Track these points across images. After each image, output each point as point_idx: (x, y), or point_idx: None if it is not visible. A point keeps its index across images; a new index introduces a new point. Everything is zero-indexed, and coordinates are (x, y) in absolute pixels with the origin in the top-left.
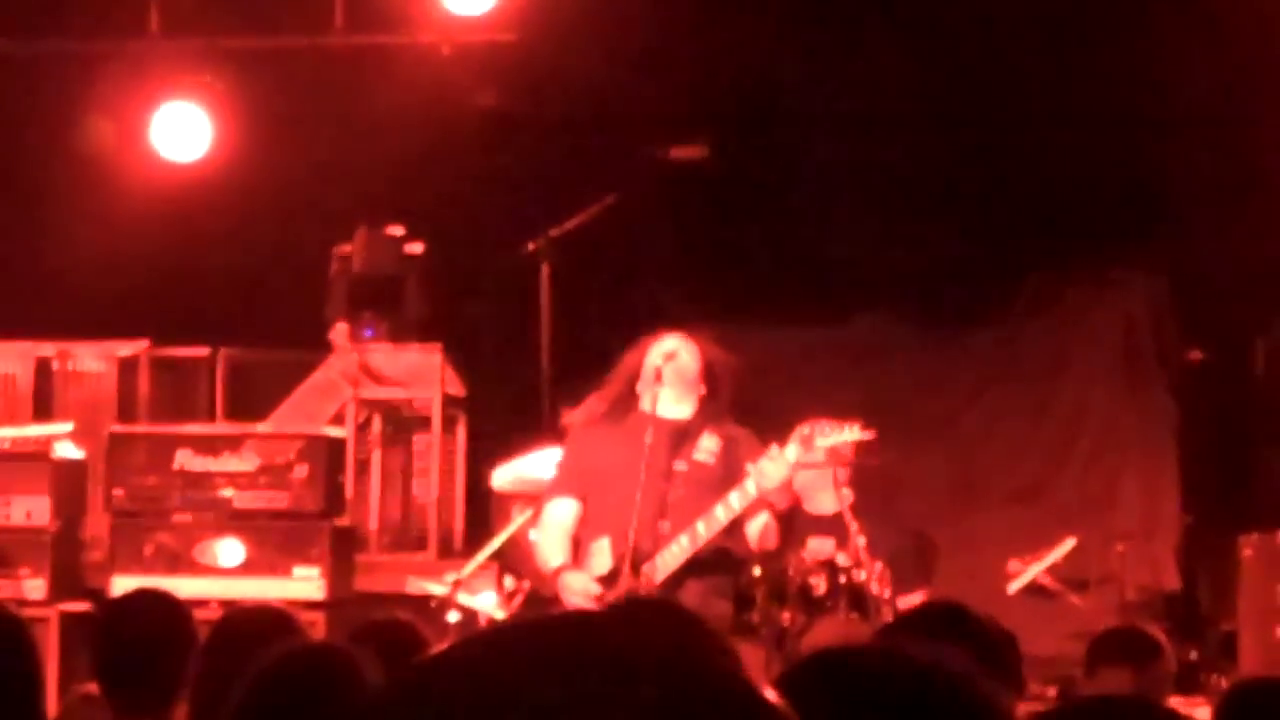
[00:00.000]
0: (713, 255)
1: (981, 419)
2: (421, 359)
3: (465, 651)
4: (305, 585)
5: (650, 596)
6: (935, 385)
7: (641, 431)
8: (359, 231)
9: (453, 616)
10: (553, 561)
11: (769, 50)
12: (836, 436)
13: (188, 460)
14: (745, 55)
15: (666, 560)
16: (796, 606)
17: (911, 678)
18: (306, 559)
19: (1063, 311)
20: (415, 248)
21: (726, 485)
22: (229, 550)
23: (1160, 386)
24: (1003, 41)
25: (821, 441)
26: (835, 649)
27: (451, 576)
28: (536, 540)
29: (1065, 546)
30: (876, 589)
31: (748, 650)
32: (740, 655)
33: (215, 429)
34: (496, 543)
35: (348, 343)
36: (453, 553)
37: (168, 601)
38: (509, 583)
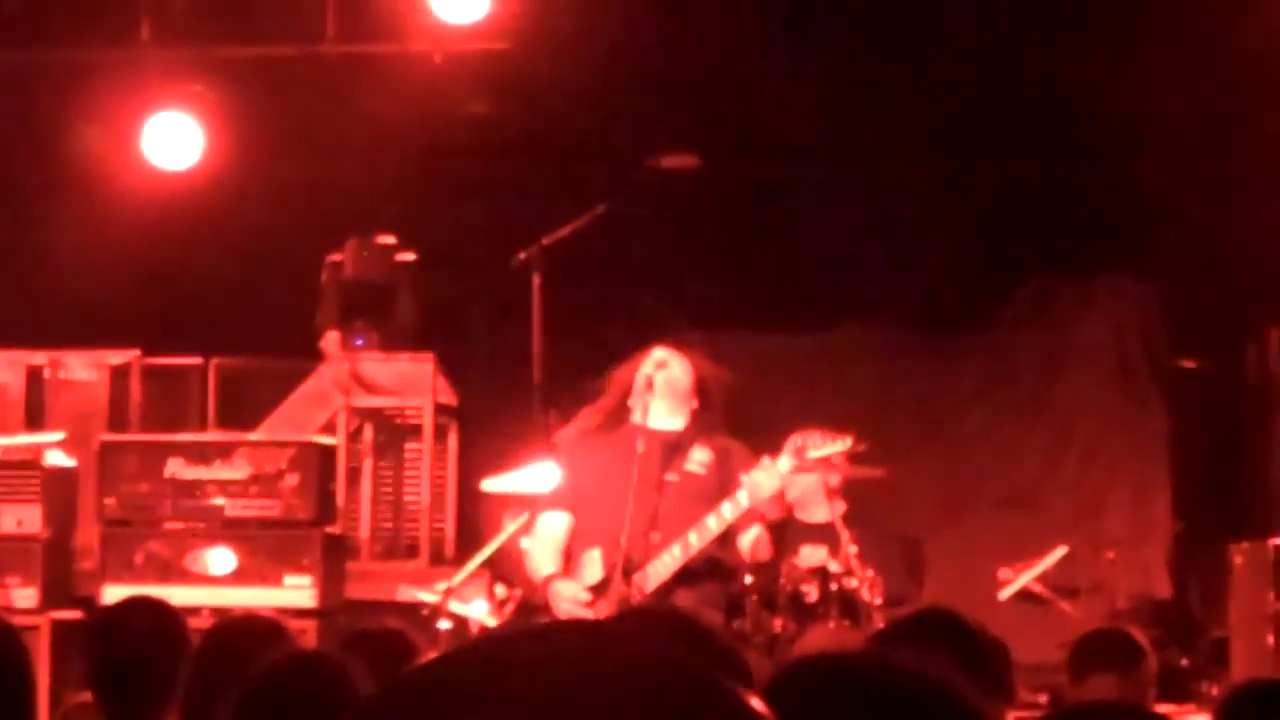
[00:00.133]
0: (704, 264)
1: (973, 426)
2: (413, 367)
3: (456, 659)
4: (296, 593)
5: (643, 605)
6: (926, 393)
7: (633, 444)
8: (350, 240)
9: (444, 625)
10: (544, 571)
11: (758, 60)
12: (828, 448)
13: (179, 469)
14: (735, 64)
15: (658, 569)
16: (788, 614)
17: (896, 685)
18: (298, 567)
19: (1054, 319)
20: (407, 256)
21: (718, 496)
22: (220, 558)
23: (1151, 394)
24: (993, 49)
25: (814, 453)
26: (820, 656)
27: (443, 585)
28: (528, 550)
29: (1056, 554)
30: (868, 596)
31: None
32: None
33: (206, 437)
34: (488, 551)
35: (339, 351)
36: (444, 561)
37: (160, 609)
38: (500, 591)
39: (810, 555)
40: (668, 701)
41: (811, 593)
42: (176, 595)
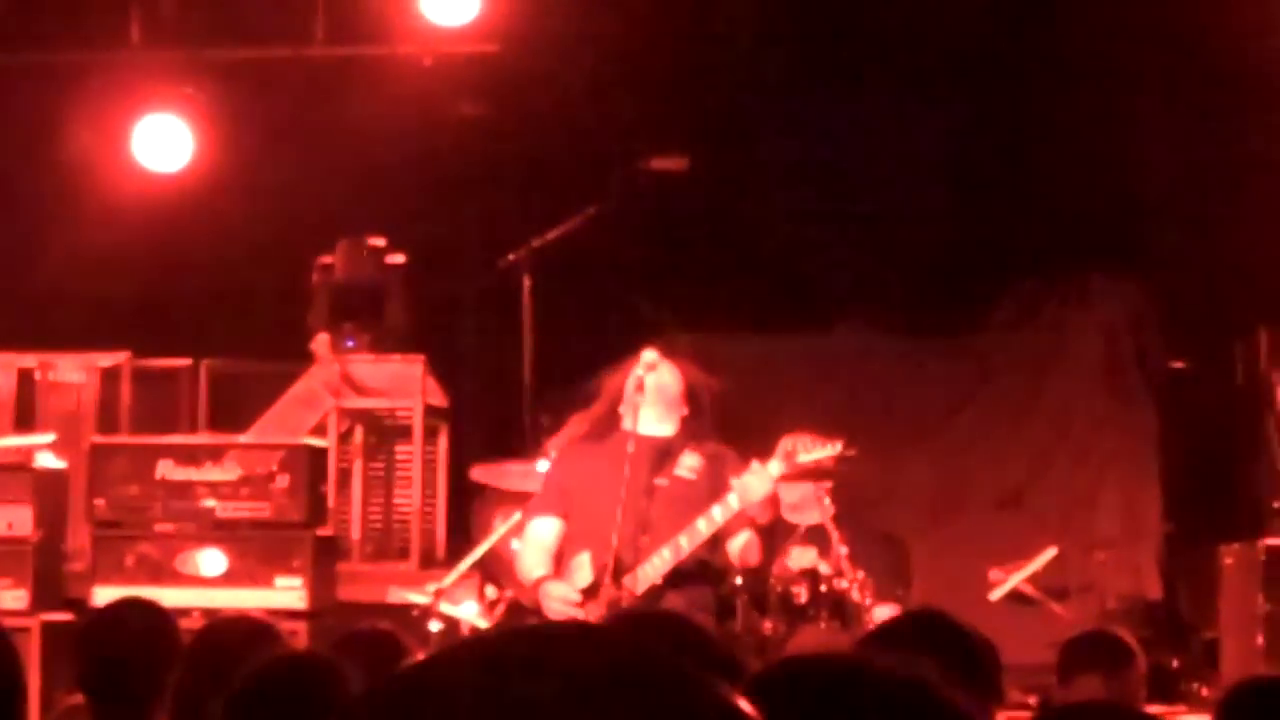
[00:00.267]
0: (694, 266)
1: (963, 427)
2: (403, 369)
3: (446, 660)
4: (287, 595)
5: (634, 608)
6: (917, 394)
7: (623, 450)
8: (340, 242)
9: (435, 626)
10: (534, 574)
11: (749, 61)
12: (819, 452)
13: (169, 470)
14: (725, 66)
15: (648, 572)
16: (778, 615)
17: (877, 686)
18: (288, 569)
19: (1044, 320)
20: (397, 258)
21: (709, 501)
22: (211, 560)
23: (1141, 395)
24: (981, 51)
25: (804, 457)
26: (799, 657)
27: (433, 586)
28: (518, 555)
29: (1046, 555)
30: (858, 598)
31: None
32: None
33: (197, 439)
34: (478, 552)
35: (329, 353)
36: (435, 562)
37: (151, 610)
38: (491, 592)
39: (800, 557)
40: (657, 702)
41: (801, 594)
42: (167, 597)
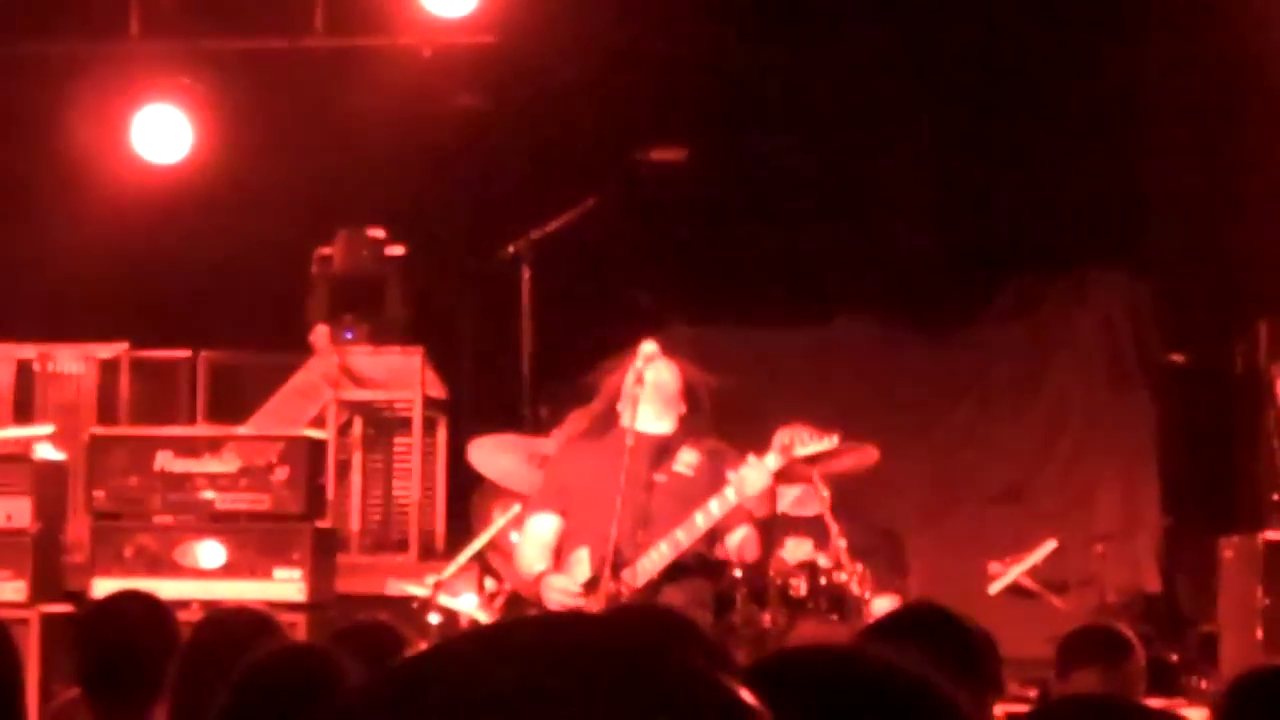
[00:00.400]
0: (692, 257)
1: (962, 420)
2: (402, 361)
3: (446, 650)
4: (286, 587)
5: (631, 602)
6: (916, 387)
7: (622, 446)
8: (339, 233)
9: (434, 618)
10: (534, 568)
11: (747, 52)
12: (815, 446)
13: (168, 462)
14: (724, 57)
15: (646, 566)
16: (777, 608)
17: (872, 677)
18: (287, 561)
19: (1043, 314)
20: (396, 250)
21: (707, 496)
22: (210, 552)
23: (1140, 388)
24: (982, 44)
25: (801, 451)
26: (794, 648)
27: (432, 578)
28: (518, 551)
29: (1046, 548)
30: (857, 590)
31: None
32: (731, 658)
33: (196, 431)
34: (477, 545)
35: (328, 345)
36: (434, 555)
37: (149, 602)
38: (490, 585)
39: (795, 549)
40: (661, 692)
41: (800, 586)
42: (166, 588)
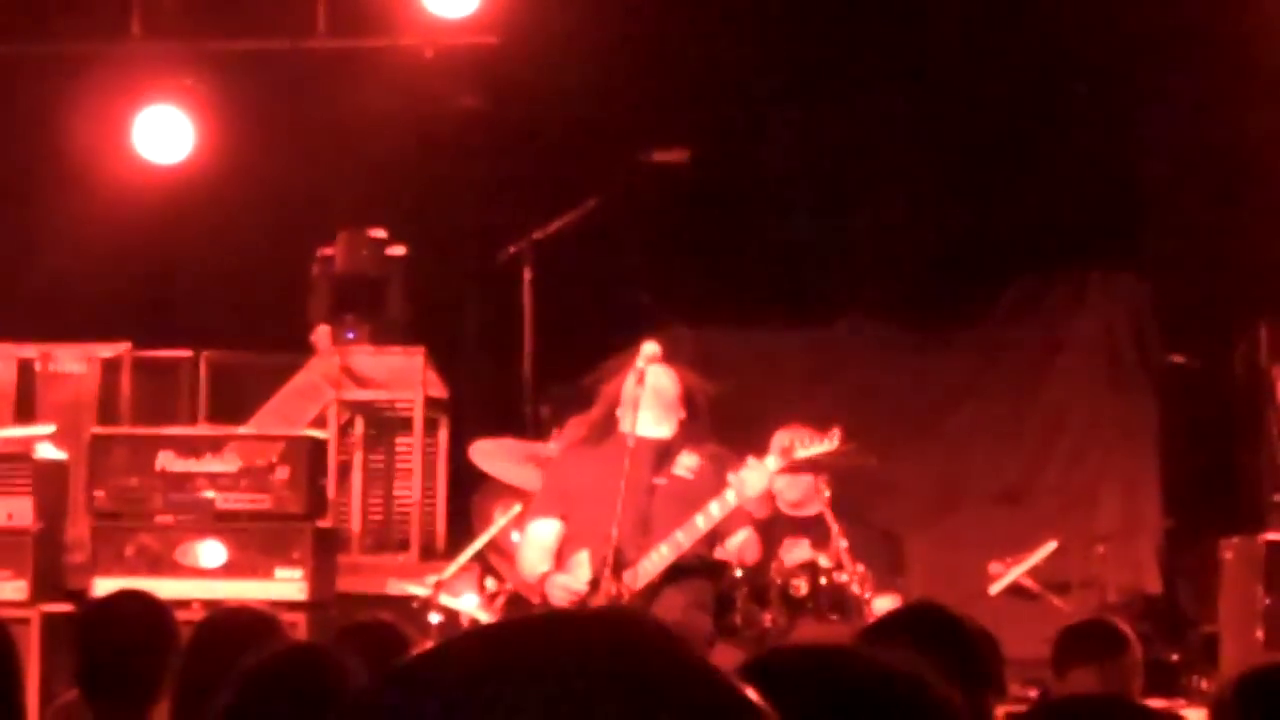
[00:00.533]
0: (694, 258)
1: (963, 421)
2: (403, 361)
3: (454, 648)
4: (287, 587)
5: (630, 605)
6: (917, 388)
7: (621, 451)
8: (341, 234)
9: (434, 618)
10: (538, 570)
11: (750, 53)
12: (816, 447)
13: (170, 462)
14: (726, 58)
15: (646, 568)
16: (778, 608)
17: (865, 676)
18: (288, 560)
19: (1045, 314)
20: (397, 250)
21: (707, 499)
22: (211, 552)
23: (1142, 389)
24: (984, 45)
25: (801, 452)
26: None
27: (433, 578)
28: (520, 556)
29: (1047, 549)
30: (858, 591)
31: (729, 652)
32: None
33: (197, 431)
34: (478, 544)
35: (330, 345)
36: (435, 554)
37: (148, 603)
38: (490, 584)
39: (794, 549)
40: (666, 690)
41: (801, 587)
42: (167, 588)
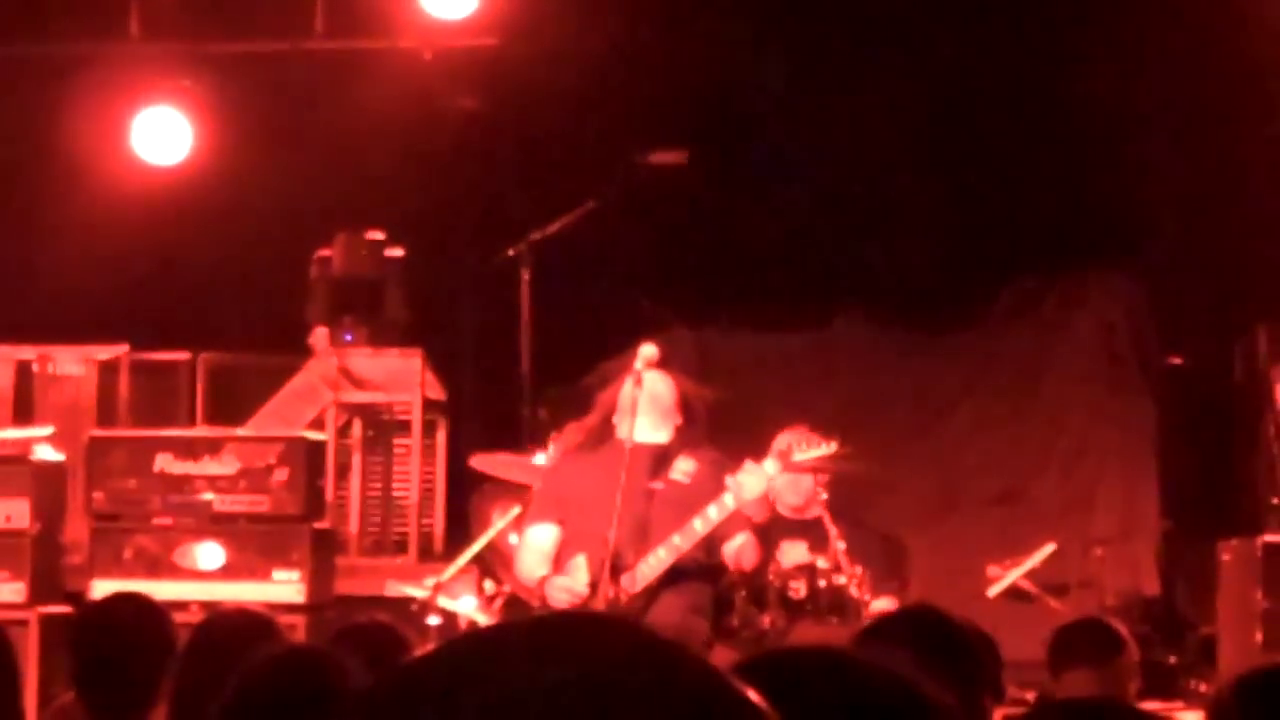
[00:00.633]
0: (692, 260)
1: (962, 423)
2: (401, 363)
3: (454, 650)
4: (285, 588)
5: (628, 609)
6: (916, 390)
7: (619, 456)
8: (339, 236)
9: (433, 620)
10: (536, 574)
11: (748, 55)
12: (814, 451)
13: (168, 464)
14: (725, 60)
15: (644, 572)
16: (776, 610)
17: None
18: (287, 562)
19: (1043, 316)
20: (395, 252)
21: (705, 503)
22: (209, 553)
23: (1140, 391)
24: (982, 48)
25: (799, 456)
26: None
27: (431, 580)
28: (518, 561)
29: (1045, 551)
30: (856, 593)
31: (727, 655)
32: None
33: (195, 432)
34: (477, 546)
35: (328, 347)
36: (433, 556)
37: (145, 605)
38: (489, 586)
39: (791, 551)
40: (667, 690)
41: (800, 589)
42: (165, 590)
